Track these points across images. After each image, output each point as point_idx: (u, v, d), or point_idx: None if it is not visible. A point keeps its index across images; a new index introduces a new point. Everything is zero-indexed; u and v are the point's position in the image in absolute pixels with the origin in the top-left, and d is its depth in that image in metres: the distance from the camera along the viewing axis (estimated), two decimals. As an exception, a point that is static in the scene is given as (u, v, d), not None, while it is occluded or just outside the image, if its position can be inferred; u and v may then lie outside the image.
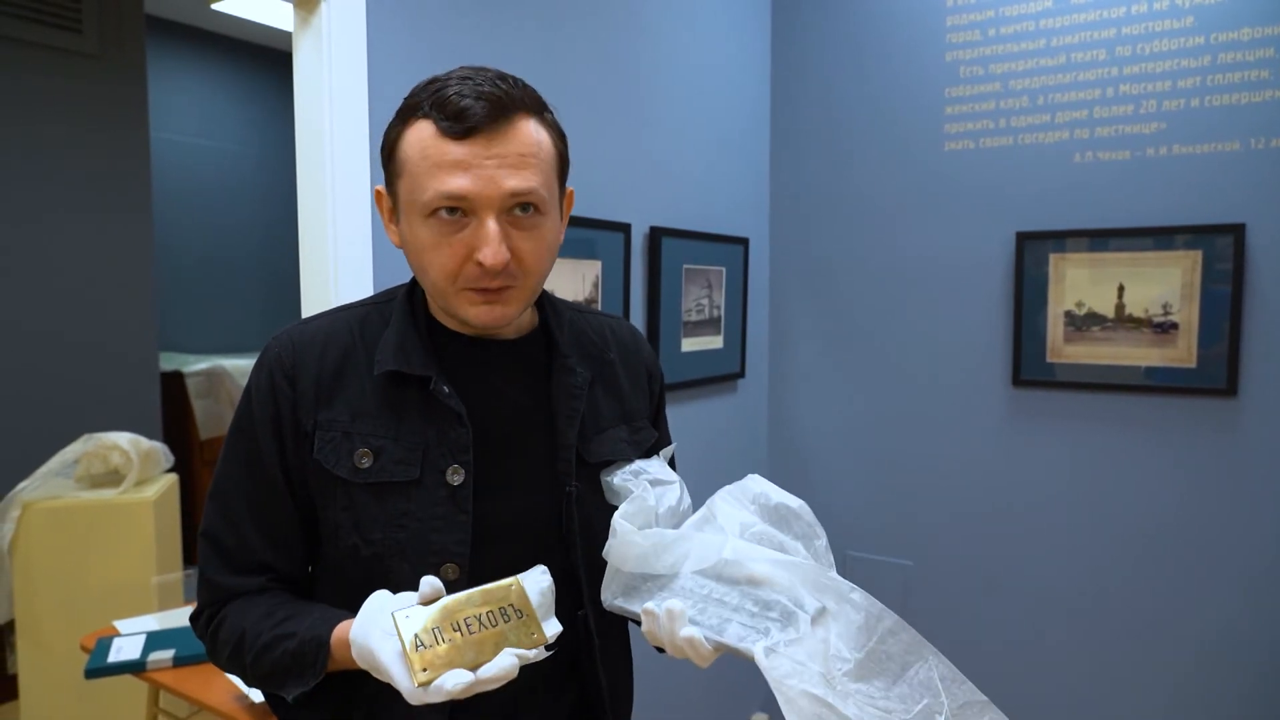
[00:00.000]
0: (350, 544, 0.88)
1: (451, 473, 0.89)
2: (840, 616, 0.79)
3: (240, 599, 0.90)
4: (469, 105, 0.82)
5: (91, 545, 2.46)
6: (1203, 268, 2.14)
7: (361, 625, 0.77)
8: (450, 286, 0.87)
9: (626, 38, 2.10)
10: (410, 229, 0.88)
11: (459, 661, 0.72)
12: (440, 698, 0.71)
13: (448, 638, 0.73)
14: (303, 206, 1.47)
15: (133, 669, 1.79)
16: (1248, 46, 2.07)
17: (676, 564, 0.86)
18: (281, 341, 0.93)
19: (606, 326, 1.08)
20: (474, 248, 0.84)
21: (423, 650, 0.72)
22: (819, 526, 0.90)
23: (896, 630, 0.79)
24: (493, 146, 0.83)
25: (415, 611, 0.74)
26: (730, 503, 0.91)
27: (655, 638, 0.84)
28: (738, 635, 0.79)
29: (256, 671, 0.87)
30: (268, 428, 0.90)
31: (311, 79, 1.42)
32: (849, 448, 2.66)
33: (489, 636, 0.74)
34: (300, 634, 0.84)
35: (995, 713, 0.76)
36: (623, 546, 0.87)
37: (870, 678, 0.76)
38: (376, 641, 0.75)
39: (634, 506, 0.89)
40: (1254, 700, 2.15)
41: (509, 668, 0.73)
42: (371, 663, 0.76)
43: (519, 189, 0.84)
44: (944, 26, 2.42)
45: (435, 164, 0.83)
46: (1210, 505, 2.18)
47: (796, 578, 0.81)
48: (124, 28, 3.48)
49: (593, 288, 1.99)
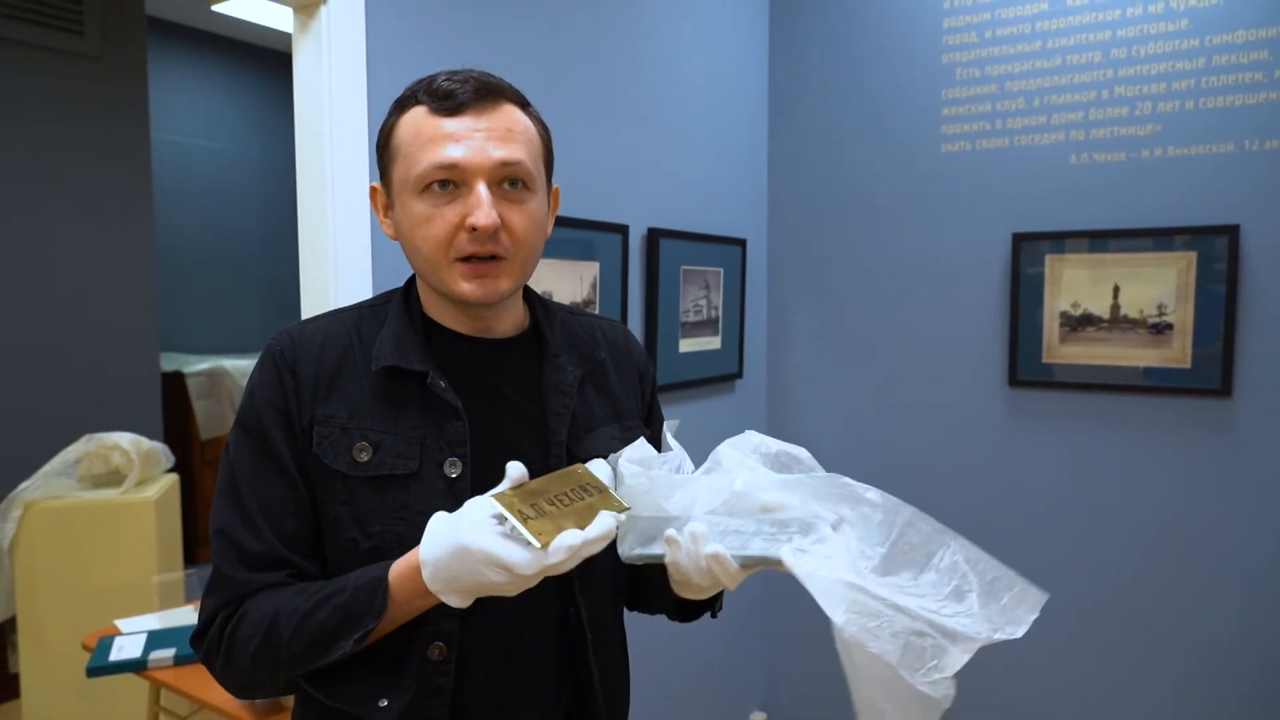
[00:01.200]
0: (349, 538, 0.89)
1: (449, 465, 0.90)
2: (858, 520, 0.80)
3: (259, 594, 0.88)
4: (457, 87, 0.89)
5: (92, 545, 2.48)
6: (1198, 268, 2.15)
7: (438, 535, 0.78)
8: (443, 258, 0.89)
9: (624, 39, 2.12)
10: (404, 210, 0.91)
11: (564, 526, 0.76)
12: (561, 556, 0.74)
13: (547, 510, 0.78)
14: (302, 209, 1.48)
15: (134, 668, 1.81)
16: (1242, 49, 2.08)
17: (689, 505, 0.86)
18: (281, 338, 0.94)
19: (597, 327, 1.10)
20: (465, 215, 0.87)
21: (530, 521, 0.76)
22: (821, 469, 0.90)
23: (915, 521, 0.79)
24: (481, 120, 0.89)
25: (507, 494, 0.79)
26: (733, 451, 0.91)
27: (680, 571, 0.83)
28: (762, 548, 0.79)
29: (296, 645, 0.84)
30: (276, 418, 0.90)
31: (311, 83, 1.44)
32: (846, 448, 2.67)
33: (580, 508, 0.80)
34: (350, 585, 0.83)
35: (1023, 583, 0.78)
36: (632, 488, 0.86)
37: (897, 570, 0.77)
38: (469, 536, 0.75)
39: (637, 453, 0.89)
40: (1252, 701, 2.16)
41: (610, 526, 0.77)
42: (464, 561, 0.75)
43: (508, 158, 0.88)
44: (940, 28, 2.43)
45: (428, 139, 0.88)
46: (1205, 505, 2.19)
47: (808, 493, 0.82)
48: (125, 29, 3.49)
49: (591, 289, 2.00)
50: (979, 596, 0.77)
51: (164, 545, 2.60)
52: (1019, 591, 0.78)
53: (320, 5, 1.40)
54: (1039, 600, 0.79)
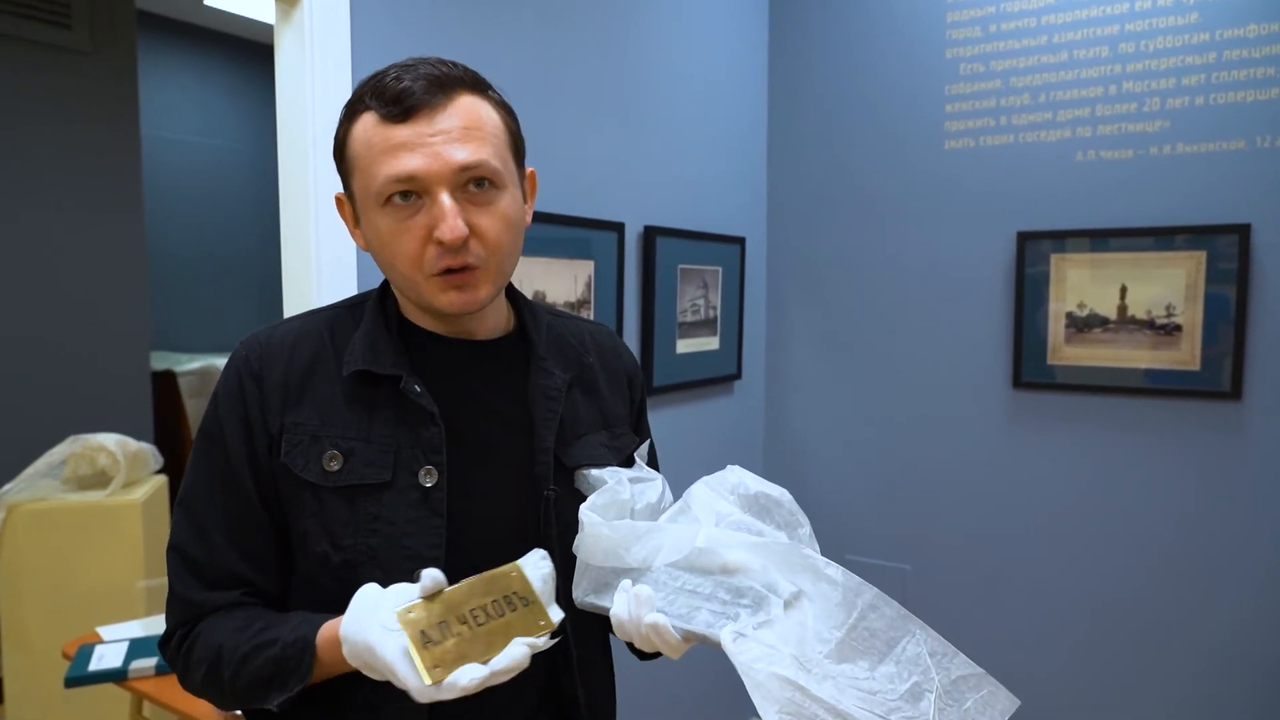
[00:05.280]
0: (320, 551, 0.85)
1: (424, 474, 0.86)
2: (817, 596, 0.75)
3: (213, 615, 0.86)
4: (408, 86, 0.82)
5: (78, 548, 2.43)
6: (1207, 268, 2.10)
7: (355, 621, 0.74)
8: (418, 274, 0.85)
9: (620, 34, 2.06)
10: (370, 224, 0.86)
11: (470, 655, 0.70)
12: (454, 694, 0.69)
13: (455, 631, 0.71)
14: (284, 206, 1.43)
15: (114, 678, 1.76)
16: (1254, 43, 2.03)
17: (649, 557, 0.82)
18: (249, 344, 0.91)
19: (585, 331, 1.06)
20: (431, 228, 0.82)
21: (431, 647, 0.69)
22: (802, 514, 0.87)
23: (878, 604, 0.74)
24: (436, 123, 0.82)
25: (417, 606, 0.72)
26: (707, 493, 0.87)
27: (623, 629, 0.80)
28: (705, 622, 0.75)
29: (236, 686, 0.83)
30: (236, 431, 0.87)
31: (294, 76, 1.39)
32: (847, 450, 2.63)
33: (497, 627, 0.73)
34: (282, 639, 0.81)
35: (992, 684, 0.72)
36: (591, 540, 0.83)
37: (854, 658, 0.72)
38: (377, 638, 0.71)
39: (604, 499, 0.86)
40: (1261, 706, 2.12)
41: (520, 658, 0.71)
42: (371, 661, 0.72)
43: (468, 161, 0.82)
44: (944, 23, 2.38)
45: (381, 150, 0.82)
46: (1214, 509, 2.14)
47: (771, 560, 0.77)
48: (115, 23, 3.44)
49: (586, 288, 1.95)
50: (938, 698, 0.70)
51: (151, 548, 2.55)
52: (986, 695, 0.72)
53: (303, -5, 1.35)
54: (1009, 707, 0.72)
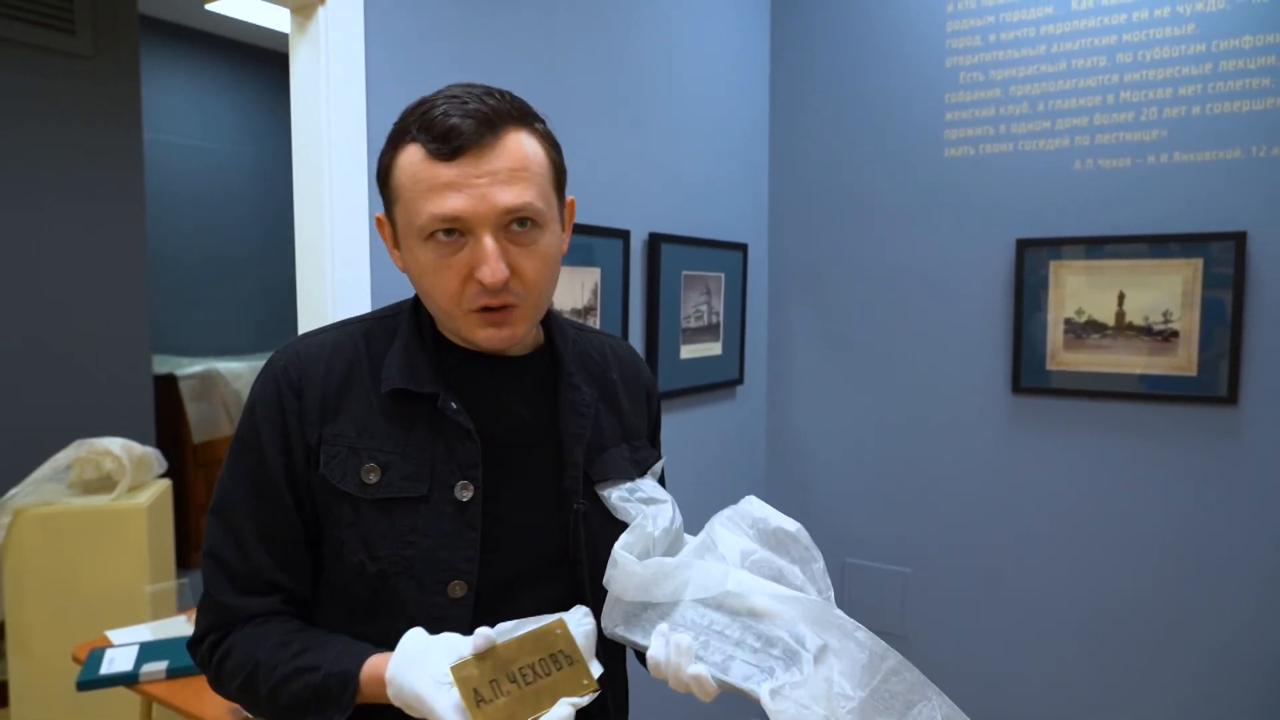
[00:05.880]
0: (356, 561, 0.87)
1: (460, 488, 0.88)
2: (843, 654, 0.80)
3: (248, 625, 0.88)
4: (456, 124, 0.81)
5: (83, 552, 2.43)
6: (1203, 275, 2.13)
7: (403, 667, 0.77)
8: (456, 309, 0.86)
9: (625, 44, 2.09)
10: (411, 254, 0.87)
11: (518, 715, 0.74)
12: None
13: (505, 690, 0.75)
14: (299, 215, 1.45)
15: (125, 681, 1.77)
16: (1249, 54, 2.07)
17: (677, 592, 0.87)
18: (287, 354, 0.92)
19: (607, 346, 1.08)
20: (473, 267, 0.83)
21: (484, 705, 0.73)
22: (816, 550, 0.92)
23: (900, 670, 0.80)
24: (483, 164, 0.82)
25: (469, 663, 0.75)
26: (729, 528, 0.93)
27: (659, 670, 0.83)
28: (743, 674, 0.81)
29: (274, 704, 0.85)
30: (274, 441, 0.88)
31: (309, 86, 1.40)
32: (848, 455, 2.65)
33: (544, 686, 0.77)
34: (325, 667, 0.82)
35: None
36: (623, 576, 0.86)
37: (874, 716, 0.78)
38: (427, 690, 0.75)
39: (634, 536, 0.89)
40: (1259, 707, 2.14)
41: (565, 717, 0.75)
42: (419, 709, 0.76)
43: (513, 205, 0.82)
44: (944, 32, 2.41)
45: (428, 187, 0.82)
46: (1212, 514, 2.17)
47: (799, 613, 0.83)
48: (117, 28, 3.45)
49: (592, 295, 1.97)
50: None
51: (156, 552, 2.56)
52: None
53: (318, 6, 1.37)
54: None
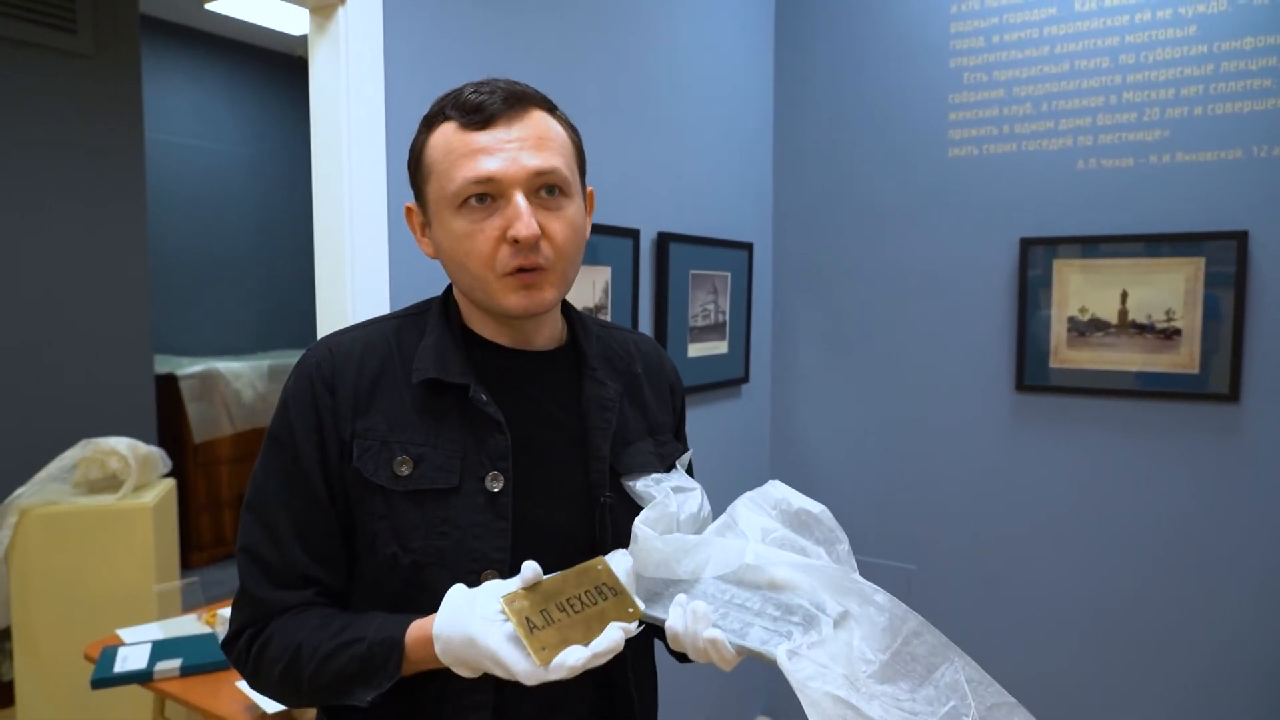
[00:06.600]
0: (389, 553, 0.88)
1: (491, 479, 0.89)
2: (864, 619, 0.79)
3: (285, 615, 0.89)
4: (486, 99, 0.88)
5: (89, 552, 2.44)
6: (1205, 274, 2.15)
7: (451, 618, 0.79)
8: (490, 274, 0.88)
9: (635, 46, 2.10)
10: (443, 228, 0.90)
11: (571, 639, 0.76)
12: (561, 675, 0.74)
13: (555, 618, 0.77)
14: (318, 214, 1.45)
15: (139, 679, 1.77)
16: (1250, 55, 2.09)
17: (698, 569, 0.86)
18: (319, 350, 0.93)
19: (630, 341, 1.10)
20: (505, 228, 0.87)
21: (537, 632, 0.75)
22: (840, 531, 0.91)
23: (921, 632, 0.79)
24: (512, 130, 0.88)
25: (519, 595, 0.78)
26: (751, 508, 0.92)
27: (678, 641, 0.83)
28: (760, 639, 0.79)
29: (317, 683, 0.85)
30: (309, 436, 0.89)
31: (328, 86, 1.41)
32: (852, 452, 2.67)
33: (592, 614, 0.79)
34: (369, 638, 0.83)
35: (1024, 714, 0.76)
36: (644, 552, 0.87)
37: (896, 679, 0.76)
38: (478, 629, 0.76)
39: (655, 512, 0.90)
40: (1261, 706, 2.17)
41: (618, 640, 0.76)
42: (469, 654, 0.77)
43: (542, 167, 0.87)
44: (948, 33, 2.43)
45: (461, 155, 0.87)
46: (1214, 511, 2.19)
47: (818, 581, 0.82)
48: (119, 28, 3.45)
49: (603, 293, 1.98)
50: None
51: (161, 552, 2.56)
52: None
53: (338, 7, 1.38)
54: None
